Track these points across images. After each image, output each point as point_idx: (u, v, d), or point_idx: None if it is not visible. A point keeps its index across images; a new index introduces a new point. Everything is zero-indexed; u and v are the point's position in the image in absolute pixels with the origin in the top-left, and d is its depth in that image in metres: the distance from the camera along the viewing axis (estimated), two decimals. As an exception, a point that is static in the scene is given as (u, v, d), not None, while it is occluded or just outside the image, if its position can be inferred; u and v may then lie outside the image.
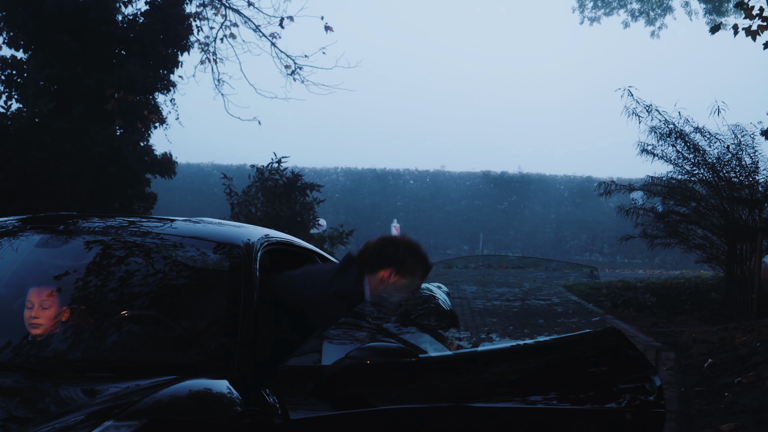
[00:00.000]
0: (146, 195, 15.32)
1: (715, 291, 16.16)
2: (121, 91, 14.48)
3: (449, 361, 3.80)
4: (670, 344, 10.86)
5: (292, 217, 15.61)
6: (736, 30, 11.97)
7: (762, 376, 7.86)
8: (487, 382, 3.72)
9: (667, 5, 27.66)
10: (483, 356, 3.87)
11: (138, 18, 15.44)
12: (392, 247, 4.47)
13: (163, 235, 4.09)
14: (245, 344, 3.49)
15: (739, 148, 14.66)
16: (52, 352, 3.55)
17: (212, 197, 30.51)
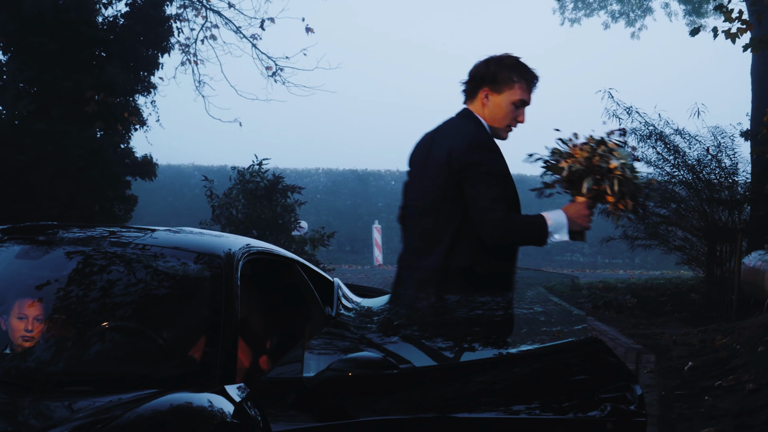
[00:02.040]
0: (127, 197, 15.27)
1: (695, 292, 16.23)
2: (101, 93, 14.41)
3: (432, 371, 3.80)
4: (651, 346, 10.90)
5: (274, 219, 15.58)
6: (716, 33, 12.04)
7: (742, 380, 7.90)
8: (471, 392, 3.73)
9: (647, 6, 27.79)
10: (466, 366, 3.87)
11: (118, 20, 15.37)
12: (482, 65, 4.38)
13: (143, 245, 4.07)
14: (226, 356, 3.48)
15: (718, 150, 14.74)
16: (32, 365, 3.52)
17: (193, 198, 30.42)
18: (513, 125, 4.34)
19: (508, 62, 4.31)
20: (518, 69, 4.31)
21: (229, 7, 17.41)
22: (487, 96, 4.29)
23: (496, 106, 4.28)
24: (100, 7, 15.37)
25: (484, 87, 4.30)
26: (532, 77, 4.33)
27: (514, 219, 4.16)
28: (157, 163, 15.74)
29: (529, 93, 4.31)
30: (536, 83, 4.33)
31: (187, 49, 17.47)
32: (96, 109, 14.32)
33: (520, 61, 4.34)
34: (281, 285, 4.75)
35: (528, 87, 4.31)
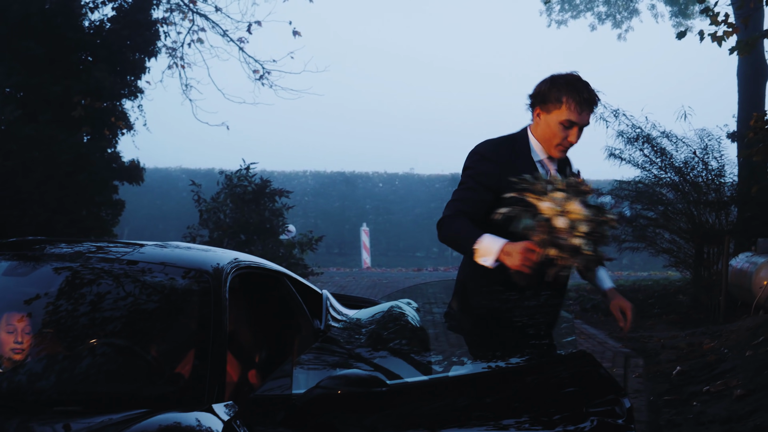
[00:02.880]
0: (114, 202, 15.21)
1: (682, 293, 16.28)
2: (88, 98, 14.36)
3: (421, 386, 3.80)
4: (639, 350, 10.93)
5: (262, 224, 15.56)
6: (702, 36, 12.08)
7: (730, 385, 7.93)
8: (460, 407, 3.73)
9: (634, 8, 27.85)
10: (455, 382, 3.87)
11: (105, 24, 15.31)
12: (539, 84, 4.34)
13: (131, 261, 4.06)
14: (215, 373, 3.47)
15: (705, 152, 14.80)
16: (20, 385, 3.50)
17: (181, 201, 30.35)
18: (564, 144, 4.29)
19: (560, 81, 4.25)
20: (569, 88, 4.22)
21: (216, 11, 17.38)
22: (538, 115, 4.29)
23: (545, 125, 4.26)
24: (87, 12, 15.31)
25: (536, 106, 4.30)
26: (585, 97, 4.22)
27: (452, 223, 4.14)
28: (144, 168, 15.70)
29: (579, 113, 4.19)
30: (589, 103, 4.21)
31: (174, 52, 17.42)
32: (83, 114, 14.27)
33: (576, 80, 4.26)
34: (270, 298, 4.74)
35: (578, 107, 4.20)
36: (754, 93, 18.63)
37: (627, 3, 27.70)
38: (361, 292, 18.81)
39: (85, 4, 15.27)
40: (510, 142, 4.36)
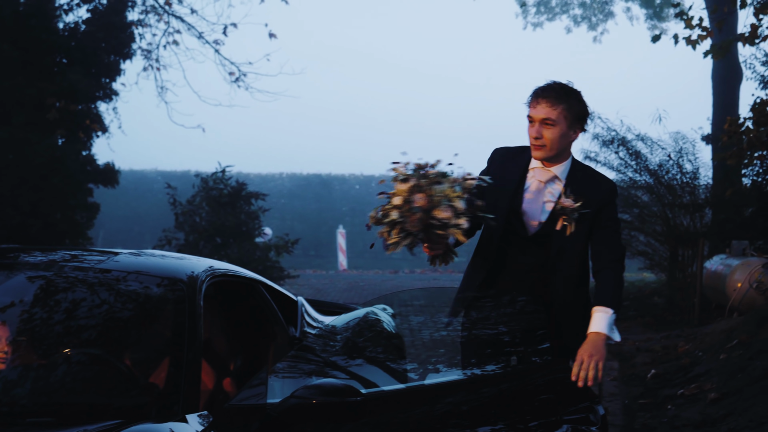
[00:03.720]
0: (89, 205, 15.15)
1: (657, 295, 16.35)
2: (63, 100, 14.30)
3: (397, 395, 3.80)
4: (614, 353, 10.97)
5: (237, 227, 15.54)
6: (677, 39, 12.14)
7: (704, 388, 7.97)
8: (436, 415, 3.74)
9: (609, 11, 27.95)
10: (431, 390, 3.88)
11: (79, 26, 15.26)
12: None
13: (105, 269, 4.03)
14: (190, 383, 3.46)
15: (680, 155, 14.87)
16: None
17: (156, 203, 30.22)
18: (531, 142, 4.34)
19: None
20: (534, 89, 4.36)
21: (192, 13, 17.32)
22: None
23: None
24: (61, 14, 15.24)
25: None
26: (537, 90, 4.33)
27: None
28: (119, 170, 15.65)
29: (534, 107, 4.29)
30: (539, 94, 4.30)
31: (149, 54, 17.36)
32: (57, 117, 14.20)
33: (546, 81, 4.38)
34: (245, 306, 4.72)
35: (532, 100, 4.32)
36: (728, 96, 18.73)
37: (602, 5, 27.81)
38: (338, 294, 18.81)
39: (60, 6, 15.20)
40: (523, 149, 4.44)
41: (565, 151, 4.35)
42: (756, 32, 11.46)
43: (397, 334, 5.37)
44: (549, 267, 4.36)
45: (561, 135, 4.26)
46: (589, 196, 4.27)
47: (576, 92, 4.35)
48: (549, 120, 4.23)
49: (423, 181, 3.96)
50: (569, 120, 4.27)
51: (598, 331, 4.06)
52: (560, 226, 4.27)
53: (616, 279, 4.20)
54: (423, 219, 3.92)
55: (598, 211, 4.27)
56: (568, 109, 4.26)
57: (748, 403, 6.97)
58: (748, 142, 12.27)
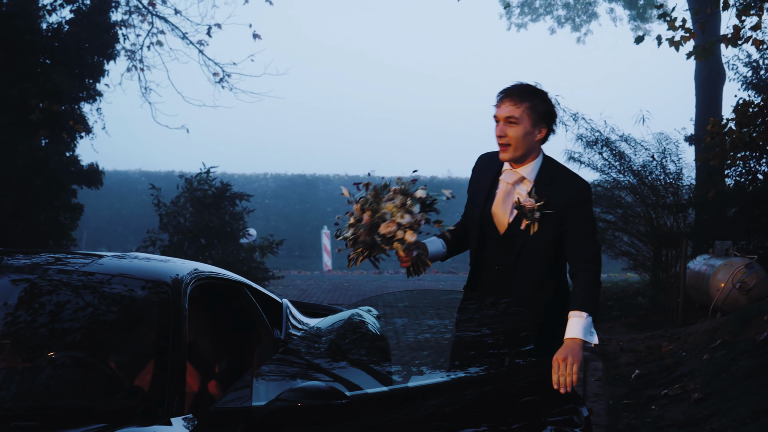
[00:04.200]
0: (73, 206, 15.09)
1: (641, 295, 16.42)
2: (46, 101, 14.23)
3: (382, 397, 3.81)
4: (598, 353, 11.01)
5: (222, 227, 15.50)
6: (660, 41, 12.17)
7: (687, 388, 8.01)
8: (421, 417, 3.74)
9: (593, 12, 28.04)
10: (416, 391, 3.88)
11: (63, 26, 15.22)
12: None
13: (89, 272, 4.02)
14: (175, 386, 3.45)
15: (663, 156, 14.92)
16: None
17: (140, 204, 30.16)
18: (498, 141, 4.41)
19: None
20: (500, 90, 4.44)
21: (176, 13, 17.32)
22: None
23: None
24: (45, 14, 15.19)
25: None
26: (501, 90, 4.41)
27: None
28: (103, 171, 15.61)
29: (497, 106, 4.37)
30: (502, 94, 4.38)
31: (133, 55, 17.34)
32: (41, 117, 14.14)
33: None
34: (229, 308, 4.72)
35: (497, 100, 4.39)
36: (711, 97, 18.83)
37: (586, 6, 27.89)
38: (323, 295, 18.81)
39: (43, 7, 15.15)
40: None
41: (533, 151, 4.38)
42: (738, 33, 11.51)
43: (382, 336, 5.38)
44: (511, 267, 4.41)
45: (525, 133, 4.31)
46: (554, 196, 4.30)
47: (541, 92, 4.40)
48: (512, 118, 4.30)
49: (371, 199, 4.16)
50: (533, 118, 4.32)
51: (573, 337, 4.05)
52: (524, 226, 4.32)
53: (588, 282, 4.19)
54: (369, 235, 4.12)
55: (567, 212, 4.28)
56: (531, 108, 4.32)
57: (732, 403, 7.00)
58: (731, 143, 12.33)
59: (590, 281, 4.20)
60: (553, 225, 4.28)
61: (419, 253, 4.28)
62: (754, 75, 16.66)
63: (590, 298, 4.16)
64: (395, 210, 4.11)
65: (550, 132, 4.41)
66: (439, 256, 4.54)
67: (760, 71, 16.65)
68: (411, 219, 4.10)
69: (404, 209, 4.12)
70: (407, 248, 4.18)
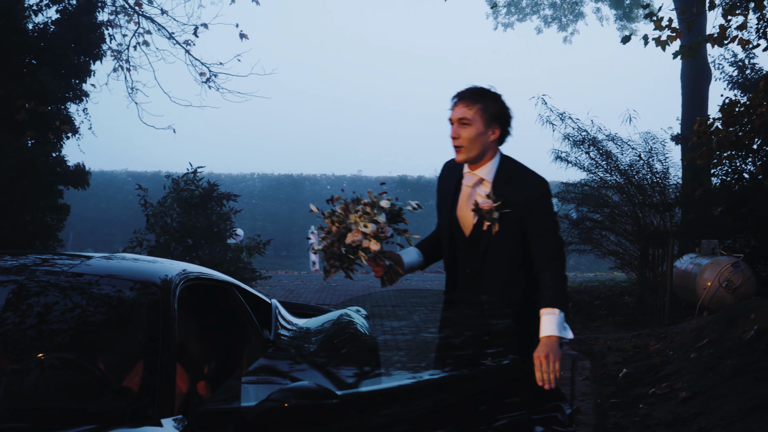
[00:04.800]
0: (59, 207, 15.04)
1: (628, 294, 16.46)
2: (32, 102, 14.18)
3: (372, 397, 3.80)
4: (586, 352, 11.04)
5: (209, 228, 15.48)
6: (647, 40, 12.21)
7: (675, 387, 8.03)
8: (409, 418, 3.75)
9: (579, 11, 28.08)
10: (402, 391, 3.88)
11: (49, 27, 15.15)
12: None
13: (78, 273, 4.01)
14: (164, 387, 3.44)
15: (650, 155, 14.97)
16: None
17: (127, 204, 30.10)
18: (452, 144, 4.46)
19: None
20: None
21: (162, 13, 17.26)
22: None
23: None
24: (30, 14, 15.12)
25: None
26: (455, 93, 4.48)
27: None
28: (89, 171, 15.54)
29: (451, 108, 4.44)
30: (456, 96, 4.44)
31: (120, 55, 17.28)
32: (27, 118, 14.09)
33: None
34: (218, 309, 4.71)
35: (452, 107, 4.45)
36: (697, 96, 18.90)
37: (572, 6, 27.94)
38: (310, 295, 18.79)
39: (29, 7, 15.08)
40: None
41: (487, 152, 4.43)
42: (724, 33, 11.55)
43: (371, 336, 5.39)
44: (479, 267, 4.46)
45: (477, 134, 4.37)
46: (512, 194, 4.35)
47: (494, 94, 4.45)
48: (465, 119, 4.37)
49: (340, 212, 4.31)
50: (485, 119, 4.37)
51: (549, 335, 4.08)
52: (486, 227, 4.37)
53: (554, 278, 4.23)
54: (336, 245, 4.28)
55: (525, 210, 4.32)
56: (484, 109, 4.37)
57: (719, 402, 7.02)
58: (717, 142, 12.37)
59: (556, 278, 4.24)
60: (514, 223, 4.33)
61: (391, 263, 4.38)
62: (740, 74, 16.73)
63: (559, 294, 4.19)
64: (359, 220, 4.23)
65: (506, 133, 4.47)
66: (416, 265, 4.61)
67: (746, 71, 16.72)
68: (375, 228, 4.21)
69: (368, 218, 4.23)
70: (373, 258, 4.28)
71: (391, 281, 4.42)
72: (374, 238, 4.22)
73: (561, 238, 4.39)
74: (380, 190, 4.44)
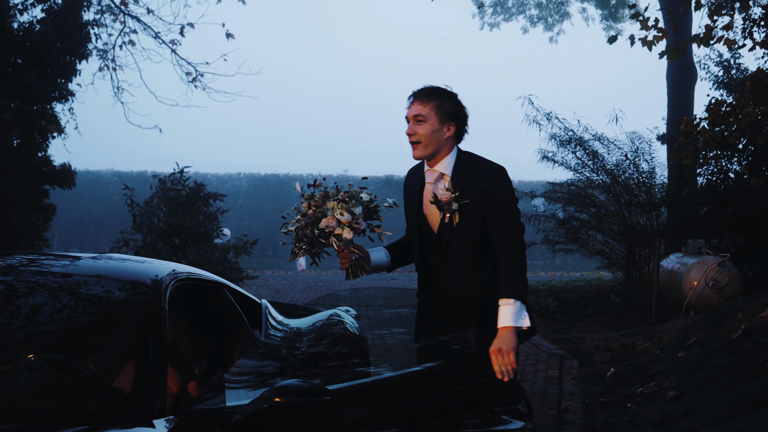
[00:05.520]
0: (45, 206, 15.00)
1: (614, 293, 16.50)
2: (18, 101, 14.13)
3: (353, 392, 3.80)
4: (573, 351, 11.05)
5: (196, 228, 15.44)
6: (633, 41, 12.24)
7: (663, 387, 8.05)
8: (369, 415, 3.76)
9: (565, 11, 28.13)
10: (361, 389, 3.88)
11: (34, 26, 15.10)
12: None
13: (68, 274, 3.99)
14: (156, 388, 3.43)
15: (636, 155, 15.02)
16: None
17: (112, 204, 30.02)
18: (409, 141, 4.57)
19: None
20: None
21: (148, 13, 17.24)
22: None
23: None
24: (16, 13, 15.07)
25: None
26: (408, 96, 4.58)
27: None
28: (75, 171, 15.50)
29: (408, 109, 4.53)
30: (409, 98, 4.55)
31: (105, 55, 17.24)
32: (12, 117, 14.04)
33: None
34: (208, 309, 4.70)
35: (408, 106, 4.56)
36: (682, 96, 18.96)
37: (558, 6, 27.98)
38: (297, 295, 18.77)
39: (14, 6, 15.02)
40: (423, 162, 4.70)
41: (443, 148, 4.51)
42: (710, 33, 11.59)
43: (360, 336, 5.40)
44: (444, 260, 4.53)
45: (432, 130, 4.47)
46: (470, 185, 4.44)
47: (449, 92, 4.55)
48: (420, 116, 4.47)
49: (318, 197, 4.45)
50: (440, 116, 4.47)
51: (505, 325, 4.18)
52: (448, 220, 4.45)
53: (511, 268, 4.30)
54: (310, 229, 4.41)
55: (484, 199, 4.39)
56: (438, 107, 4.48)
57: (707, 401, 7.04)
58: (704, 142, 12.41)
59: (513, 267, 4.30)
60: (474, 213, 4.41)
61: (359, 257, 4.48)
62: (725, 74, 16.78)
63: (516, 284, 4.26)
64: (337, 207, 4.36)
65: (462, 131, 4.57)
66: (382, 265, 4.68)
67: (731, 71, 16.77)
68: (350, 217, 4.34)
69: (345, 207, 4.36)
70: (344, 244, 4.40)
71: (355, 275, 4.53)
72: (348, 227, 4.35)
73: (520, 226, 4.43)
74: (362, 185, 4.58)
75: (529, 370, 9.80)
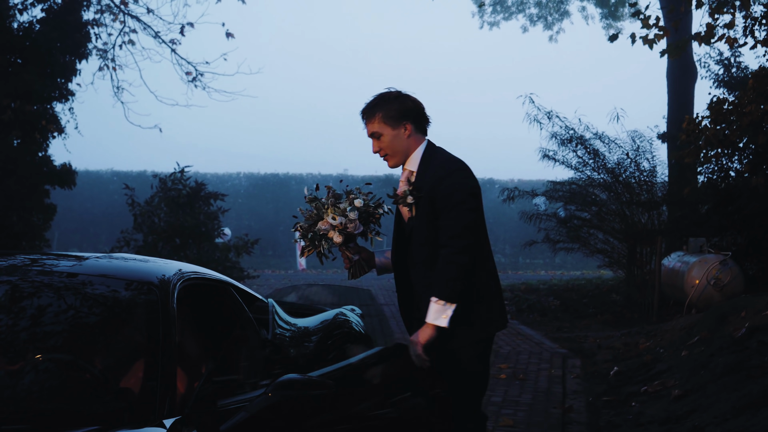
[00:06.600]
0: (45, 206, 14.97)
1: (615, 292, 16.49)
2: (18, 101, 14.11)
3: None
4: (576, 350, 11.04)
5: (196, 227, 15.41)
6: (634, 39, 12.22)
7: (667, 385, 8.04)
8: None
9: (564, 10, 28.12)
10: None
11: (34, 26, 15.07)
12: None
13: (74, 274, 3.97)
14: (166, 387, 3.42)
15: (637, 153, 15.01)
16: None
17: (112, 204, 30.00)
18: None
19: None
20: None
21: (148, 12, 17.19)
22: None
23: None
24: (15, 13, 15.05)
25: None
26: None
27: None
28: (76, 171, 15.47)
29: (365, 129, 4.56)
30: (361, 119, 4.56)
31: (105, 54, 17.20)
32: (12, 117, 14.02)
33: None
34: (215, 309, 4.69)
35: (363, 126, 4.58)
36: (683, 94, 18.94)
37: (558, 5, 27.97)
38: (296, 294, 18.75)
39: (14, 6, 15.00)
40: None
41: (411, 147, 4.52)
42: (711, 32, 11.58)
43: (366, 334, 5.40)
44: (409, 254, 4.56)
45: (391, 139, 4.49)
46: (425, 179, 4.44)
47: (389, 95, 4.53)
48: (375, 133, 4.50)
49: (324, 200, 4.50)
50: (390, 123, 4.48)
51: (427, 322, 4.27)
52: (412, 214, 4.48)
53: (440, 266, 4.30)
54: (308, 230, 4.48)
55: (434, 190, 4.38)
56: (384, 116, 4.48)
57: (712, 400, 7.03)
58: (705, 141, 12.40)
59: (441, 266, 4.29)
60: (426, 207, 4.41)
61: (359, 257, 4.56)
62: (726, 73, 16.77)
63: (441, 283, 4.26)
64: (331, 211, 4.42)
65: (420, 122, 4.55)
66: (388, 266, 4.71)
67: (732, 69, 16.76)
68: (342, 221, 4.39)
69: (339, 212, 4.41)
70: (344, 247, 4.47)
71: (356, 275, 4.58)
72: (339, 231, 4.40)
73: (464, 219, 4.34)
74: (367, 190, 4.63)
75: (532, 368, 9.80)
